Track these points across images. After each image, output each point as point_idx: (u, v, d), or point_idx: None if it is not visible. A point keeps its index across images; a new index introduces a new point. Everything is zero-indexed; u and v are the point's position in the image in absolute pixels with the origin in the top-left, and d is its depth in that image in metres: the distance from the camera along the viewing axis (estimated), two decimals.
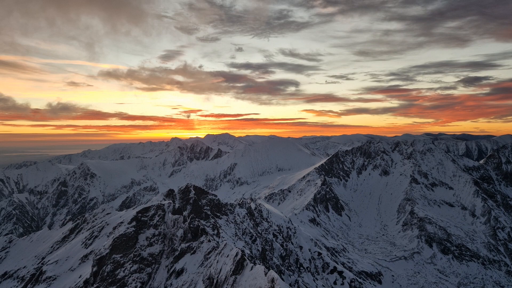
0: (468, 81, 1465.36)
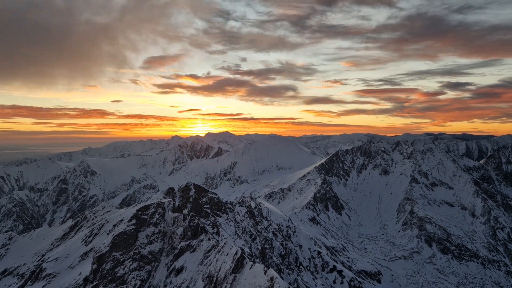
0: (451, 86, 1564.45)
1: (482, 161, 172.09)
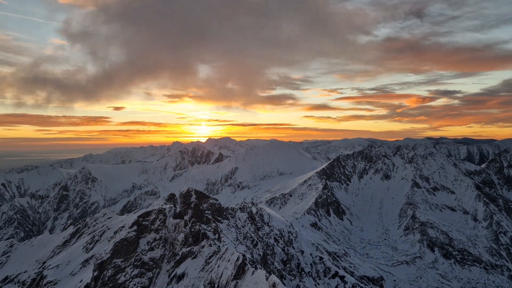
0: (441, 94, 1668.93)
1: (483, 165, 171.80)
